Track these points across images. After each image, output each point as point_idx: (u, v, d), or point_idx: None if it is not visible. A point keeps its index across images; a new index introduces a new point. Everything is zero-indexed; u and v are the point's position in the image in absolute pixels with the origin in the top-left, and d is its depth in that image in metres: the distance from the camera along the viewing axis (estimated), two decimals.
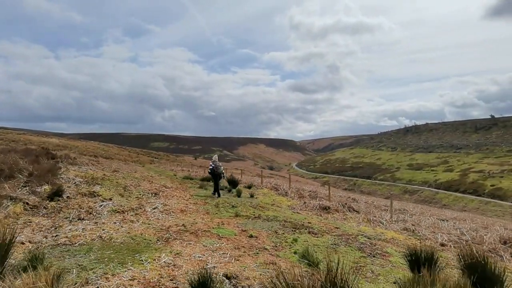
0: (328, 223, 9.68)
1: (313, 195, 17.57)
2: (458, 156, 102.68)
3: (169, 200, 10.64)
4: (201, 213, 9.11)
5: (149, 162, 46.94)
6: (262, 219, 8.91)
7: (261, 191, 16.58)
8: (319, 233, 7.74)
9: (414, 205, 28.27)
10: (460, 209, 62.60)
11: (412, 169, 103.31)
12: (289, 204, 13.66)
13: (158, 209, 8.75)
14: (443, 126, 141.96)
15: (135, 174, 16.73)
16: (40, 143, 40.27)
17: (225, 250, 5.78)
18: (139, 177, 15.47)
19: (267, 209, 11.35)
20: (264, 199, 14.26)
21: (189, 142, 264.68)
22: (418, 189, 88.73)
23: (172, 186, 14.26)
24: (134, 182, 13.29)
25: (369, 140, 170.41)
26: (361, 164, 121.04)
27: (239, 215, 9.11)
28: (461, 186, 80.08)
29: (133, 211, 8.24)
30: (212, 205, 10.63)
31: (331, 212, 12.96)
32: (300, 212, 12.14)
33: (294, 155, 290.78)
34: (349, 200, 17.93)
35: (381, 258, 6.57)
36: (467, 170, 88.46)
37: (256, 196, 14.59)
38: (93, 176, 12.30)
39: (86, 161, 20.14)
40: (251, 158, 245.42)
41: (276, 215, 9.68)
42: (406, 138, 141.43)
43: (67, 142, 48.31)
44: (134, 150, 69.32)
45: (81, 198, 8.68)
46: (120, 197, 9.85)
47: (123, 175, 14.79)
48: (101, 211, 7.83)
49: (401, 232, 10.03)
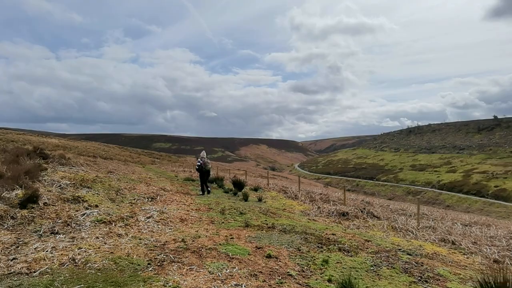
0: (354, 234, 8.13)
1: (324, 198, 16.03)
2: (461, 156, 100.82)
3: (167, 205, 9.10)
4: (204, 223, 7.56)
5: (150, 162, 45.41)
6: (278, 230, 7.35)
7: (269, 194, 15.03)
8: (352, 250, 6.18)
9: (428, 208, 26.60)
10: (464, 210, 60.95)
11: (415, 170, 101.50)
12: (301, 209, 12.12)
13: (153, 218, 7.20)
14: (445, 126, 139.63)
15: (132, 176, 15.19)
16: (39, 143, 38.84)
17: (238, 279, 4.24)
18: (135, 179, 13.94)
19: (279, 216, 9.81)
20: (273, 203, 12.72)
21: (191, 143, 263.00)
22: (421, 190, 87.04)
23: (172, 189, 12.72)
24: (130, 184, 11.77)
25: (371, 140, 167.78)
26: (364, 165, 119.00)
27: (250, 225, 7.56)
28: (464, 187, 78.42)
29: (122, 221, 6.70)
30: (218, 212, 9.09)
31: (350, 218, 11.43)
32: (317, 219, 10.60)
33: (296, 156, 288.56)
34: (364, 204, 16.40)
35: (436, 284, 5.03)
36: (470, 171, 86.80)
37: (265, 200, 13.05)
38: (83, 178, 10.79)
39: (81, 162, 18.65)
40: (253, 159, 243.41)
41: (292, 224, 8.14)
42: (408, 138, 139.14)
43: (67, 143, 46.81)
44: (135, 150, 67.80)
45: (62, 204, 7.17)
46: (110, 202, 8.32)
47: (118, 177, 13.27)
48: (82, 222, 6.30)
49: (439, 243, 8.50)
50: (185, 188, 13.93)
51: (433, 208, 33.36)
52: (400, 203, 28.93)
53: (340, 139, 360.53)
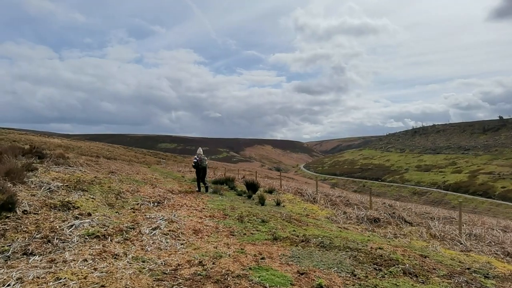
0: (402, 246, 6.60)
1: (345, 201, 14.52)
2: (467, 157, 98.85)
3: (177, 211, 7.62)
4: (223, 234, 6.05)
5: (156, 163, 44.12)
6: (314, 244, 5.80)
7: (285, 197, 13.51)
8: (419, 273, 4.65)
9: (449, 211, 24.84)
10: (470, 211, 59.37)
11: (420, 170, 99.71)
12: (325, 215, 10.61)
13: (160, 230, 5.70)
14: (450, 127, 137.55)
15: (136, 176, 13.72)
16: (41, 143, 37.62)
17: None
18: (140, 180, 12.46)
19: (306, 224, 8.30)
20: (293, 207, 11.21)
21: (196, 143, 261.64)
22: (427, 190, 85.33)
23: (180, 190, 11.22)
24: (133, 186, 10.29)
25: (377, 141, 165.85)
26: (370, 166, 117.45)
27: (278, 238, 6.02)
28: (470, 188, 76.64)
29: (121, 234, 5.20)
30: (235, 219, 7.57)
31: (382, 225, 9.90)
32: (347, 226, 9.09)
33: (301, 157, 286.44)
34: (388, 207, 14.87)
35: None
36: (476, 171, 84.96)
37: (283, 203, 11.53)
38: (80, 179, 9.34)
39: (81, 162, 17.25)
40: (258, 160, 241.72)
41: (327, 236, 6.63)
42: (414, 139, 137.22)
43: (69, 143, 45.61)
44: (141, 151, 66.60)
45: (46, 212, 5.70)
46: (107, 209, 6.84)
47: (120, 178, 11.80)
48: (68, 237, 4.81)
49: (504, 258, 6.98)
50: (194, 189, 12.43)
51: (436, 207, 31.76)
52: (407, 203, 27.41)
53: (346, 140, 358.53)
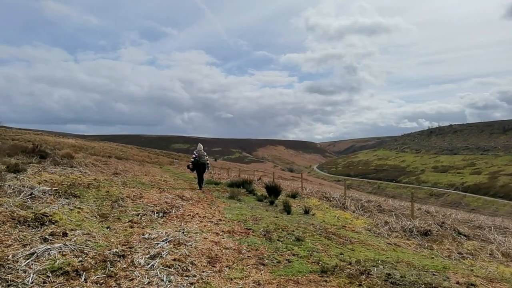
0: (491, 277, 4.75)
1: (376, 206, 12.62)
2: (486, 158, 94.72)
3: (186, 224, 5.92)
4: (250, 264, 4.23)
5: (168, 163, 42.73)
6: (379, 278, 4.00)
7: (311, 202, 11.65)
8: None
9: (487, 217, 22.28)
10: (491, 214, 56.47)
11: (437, 171, 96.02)
12: (363, 225, 8.75)
13: (161, 258, 3.96)
14: (467, 127, 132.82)
15: (143, 178, 12.10)
16: (55, 144, 36.80)
17: None
18: (146, 183, 10.82)
19: (349, 241, 6.45)
20: (324, 216, 9.36)
21: (209, 144, 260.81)
22: (444, 192, 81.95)
23: (191, 196, 9.47)
24: (136, 190, 8.64)
25: (392, 141, 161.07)
26: (385, 167, 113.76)
27: (327, 269, 4.20)
28: (490, 190, 73.16)
29: (103, 268, 3.49)
30: (261, 236, 5.79)
31: (437, 239, 8.01)
32: (397, 242, 7.21)
33: (314, 157, 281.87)
34: (425, 214, 12.88)
35: None
36: (496, 172, 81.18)
37: (312, 211, 9.69)
38: (75, 182, 7.76)
39: (87, 162, 15.83)
40: (270, 160, 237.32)
41: (385, 260, 4.83)
42: (430, 140, 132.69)
43: (83, 143, 44.65)
44: (154, 151, 65.49)
45: (8, 230, 4.06)
46: (97, 223, 5.17)
47: (124, 180, 10.22)
48: (22, 275, 3.15)
49: None
50: (208, 194, 10.69)
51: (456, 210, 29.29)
52: (423, 205, 25.20)
53: (359, 140, 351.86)
